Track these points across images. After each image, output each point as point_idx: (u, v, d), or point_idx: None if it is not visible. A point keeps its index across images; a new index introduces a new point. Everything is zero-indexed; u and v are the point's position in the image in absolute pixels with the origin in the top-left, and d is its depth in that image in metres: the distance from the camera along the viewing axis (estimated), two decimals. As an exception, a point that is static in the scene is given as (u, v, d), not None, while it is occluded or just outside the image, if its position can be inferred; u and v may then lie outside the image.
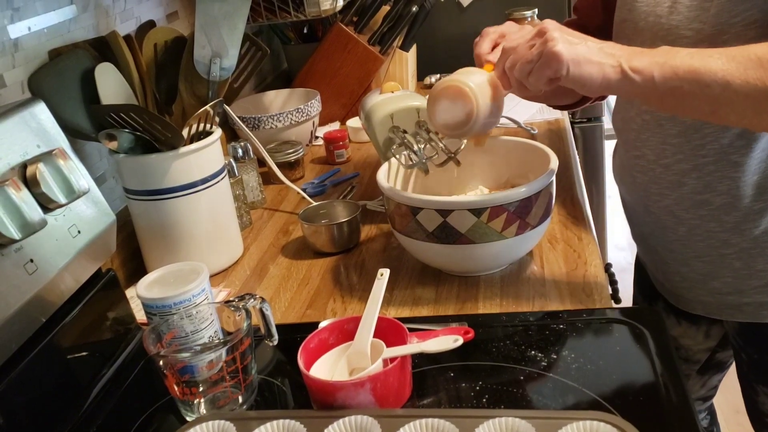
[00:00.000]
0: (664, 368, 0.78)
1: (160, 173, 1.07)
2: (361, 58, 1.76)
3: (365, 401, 0.74)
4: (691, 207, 0.95)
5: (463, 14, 2.11)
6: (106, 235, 0.92)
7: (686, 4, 0.87)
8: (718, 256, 0.96)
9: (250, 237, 1.28)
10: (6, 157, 0.79)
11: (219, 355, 0.78)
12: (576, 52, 0.77)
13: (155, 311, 0.88)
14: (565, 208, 1.22)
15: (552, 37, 0.78)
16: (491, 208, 0.94)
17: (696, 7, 0.85)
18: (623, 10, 0.97)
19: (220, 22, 1.13)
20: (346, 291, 1.07)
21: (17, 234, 0.74)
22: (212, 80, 1.16)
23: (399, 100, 1.21)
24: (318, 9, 1.47)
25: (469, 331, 0.81)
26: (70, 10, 1.11)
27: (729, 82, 0.73)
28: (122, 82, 1.10)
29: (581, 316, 0.90)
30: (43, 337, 0.82)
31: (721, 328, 1.13)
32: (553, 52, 0.77)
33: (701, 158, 0.91)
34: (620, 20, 0.98)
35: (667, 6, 0.89)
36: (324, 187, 1.47)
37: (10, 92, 0.98)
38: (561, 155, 1.35)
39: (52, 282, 0.81)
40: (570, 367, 0.81)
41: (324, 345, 0.83)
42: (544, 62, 0.78)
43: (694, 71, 0.74)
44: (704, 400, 1.28)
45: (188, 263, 0.94)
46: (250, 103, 1.71)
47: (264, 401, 0.84)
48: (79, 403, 0.85)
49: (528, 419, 0.67)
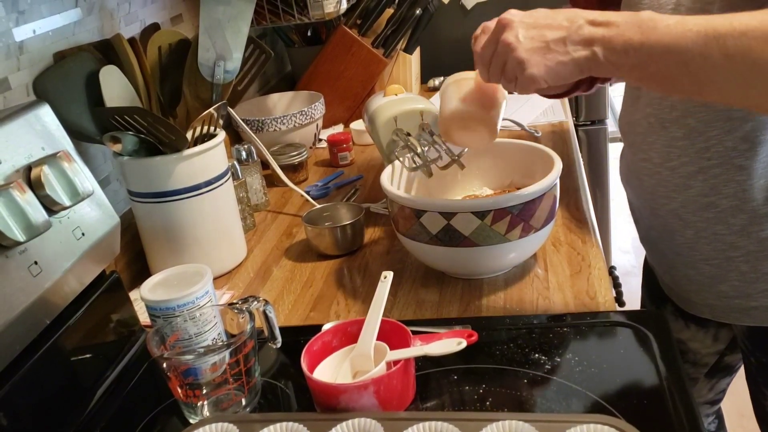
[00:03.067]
0: (669, 372, 0.78)
1: (164, 176, 1.07)
2: (364, 60, 1.76)
3: (368, 404, 0.74)
4: (697, 210, 0.95)
5: (466, 17, 2.11)
6: (110, 238, 0.92)
7: (688, 5, 0.87)
8: (725, 259, 0.96)
9: (253, 239, 1.28)
10: (11, 160, 0.79)
11: (222, 357, 0.78)
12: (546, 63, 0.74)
13: (159, 313, 0.88)
14: (569, 210, 1.22)
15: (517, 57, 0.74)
16: (495, 211, 0.94)
17: (699, 9, 0.85)
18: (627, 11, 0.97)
19: (224, 25, 1.14)
20: (350, 293, 1.07)
21: (21, 236, 0.75)
22: (216, 83, 1.17)
23: (402, 102, 1.21)
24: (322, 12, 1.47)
25: (472, 334, 0.81)
26: (74, 13, 1.12)
27: (707, 57, 0.68)
28: (126, 84, 1.10)
29: (585, 319, 0.90)
30: (47, 339, 0.82)
31: (729, 332, 1.13)
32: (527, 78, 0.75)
33: (706, 161, 0.91)
34: None
35: (671, 8, 0.89)
36: (327, 189, 1.47)
37: (15, 95, 0.98)
38: (565, 158, 1.35)
39: (56, 284, 0.81)
40: (574, 371, 0.81)
41: (327, 347, 0.83)
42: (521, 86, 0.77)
43: (668, 50, 0.70)
44: (712, 404, 1.28)
45: (192, 265, 0.94)
46: (254, 105, 1.71)
47: (267, 404, 0.84)
48: (83, 405, 0.85)
49: (531, 422, 0.67)
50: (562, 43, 0.74)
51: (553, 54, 0.74)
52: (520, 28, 0.76)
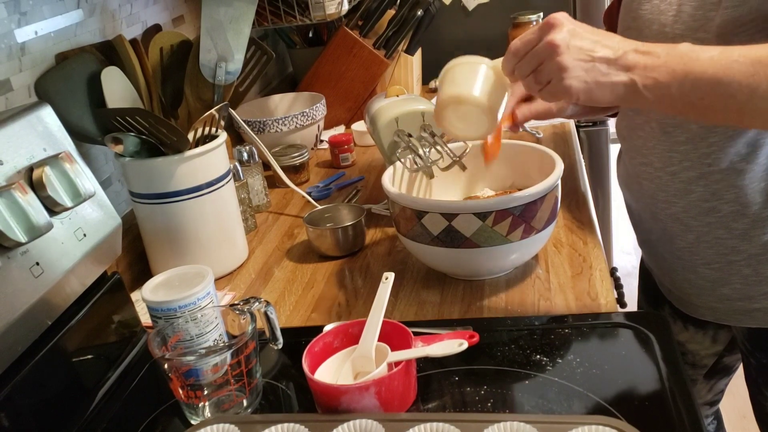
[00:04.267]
0: (670, 373, 0.78)
1: (166, 177, 1.07)
2: (366, 61, 1.77)
3: (370, 405, 0.74)
4: (698, 214, 0.94)
5: (468, 18, 2.11)
6: (112, 239, 0.92)
7: (690, 12, 0.86)
8: (726, 263, 0.96)
9: (255, 240, 1.28)
10: (12, 161, 0.79)
11: (224, 358, 0.78)
12: (585, 78, 0.72)
13: (160, 314, 0.88)
14: (571, 211, 1.22)
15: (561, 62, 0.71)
16: (496, 212, 0.94)
17: (700, 17, 0.84)
18: (627, 18, 0.97)
19: (225, 26, 1.14)
20: (351, 294, 1.07)
21: (23, 237, 0.75)
22: (218, 84, 1.17)
23: (404, 103, 1.21)
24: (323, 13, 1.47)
25: (474, 335, 0.81)
26: (76, 14, 1.12)
27: (755, 89, 0.68)
28: (128, 85, 1.10)
29: (586, 320, 0.90)
30: (48, 339, 0.82)
31: (728, 333, 1.13)
32: (562, 87, 0.72)
33: (707, 167, 0.90)
34: (624, 28, 0.97)
35: (672, 15, 0.88)
36: (329, 190, 1.47)
37: (17, 96, 0.99)
38: (566, 159, 1.35)
39: (58, 285, 0.81)
40: (575, 372, 0.80)
41: (329, 348, 0.83)
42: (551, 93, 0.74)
43: (716, 82, 0.69)
44: (711, 404, 1.28)
45: (193, 266, 0.94)
46: (256, 106, 1.71)
47: (268, 405, 0.84)
48: (84, 406, 0.85)
49: (533, 423, 0.67)
50: (607, 64, 0.72)
51: (595, 73, 0.72)
52: (571, 35, 0.72)
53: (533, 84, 0.76)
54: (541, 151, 1.08)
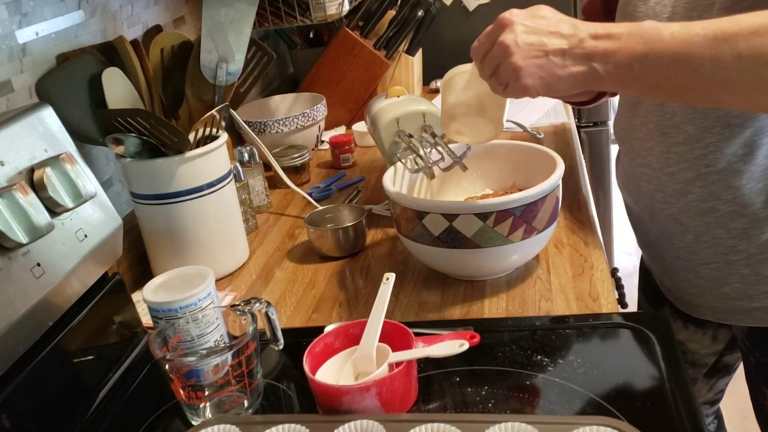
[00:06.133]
0: (671, 373, 0.78)
1: (167, 177, 1.07)
2: (366, 62, 1.77)
3: (371, 406, 0.74)
4: (697, 215, 0.94)
5: (469, 18, 2.11)
6: (113, 239, 0.92)
7: (683, 15, 0.86)
8: (725, 263, 0.96)
9: (255, 241, 1.28)
10: (13, 162, 0.79)
11: (225, 359, 0.78)
12: (541, 74, 0.71)
13: (161, 315, 0.88)
14: (572, 212, 1.22)
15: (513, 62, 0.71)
16: (497, 212, 0.94)
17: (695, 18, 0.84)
18: (623, 21, 0.97)
19: (226, 26, 1.14)
20: (352, 295, 1.07)
21: (24, 238, 0.75)
22: (218, 85, 1.17)
23: (405, 104, 1.21)
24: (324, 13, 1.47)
25: (475, 336, 0.81)
26: (77, 15, 1.12)
27: (717, 61, 0.66)
28: (129, 86, 1.10)
29: (587, 320, 0.90)
30: (49, 340, 0.82)
31: (728, 332, 1.13)
32: (520, 86, 0.72)
33: (705, 167, 0.91)
34: None
35: (666, 17, 0.88)
36: (330, 191, 1.47)
37: (18, 97, 0.99)
38: (567, 159, 1.35)
39: (59, 286, 0.82)
40: (576, 372, 0.80)
41: (329, 349, 0.83)
42: (512, 93, 0.74)
43: (677, 58, 0.67)
44: (711, 404, 1.28)
45: (194, 267, 0.94)
46: (256, 107, 1.71)
47: (269, 405, 0.84)
48: (85, 407, 0.85)
49: (534, 424, 0.67)
50: (561, 56, 0.71)
51: (550, 66, 0.71)
52: (521, 32, 0.73)
53: (496, 85, 0.76)
54: (542, 151, 1.08)
